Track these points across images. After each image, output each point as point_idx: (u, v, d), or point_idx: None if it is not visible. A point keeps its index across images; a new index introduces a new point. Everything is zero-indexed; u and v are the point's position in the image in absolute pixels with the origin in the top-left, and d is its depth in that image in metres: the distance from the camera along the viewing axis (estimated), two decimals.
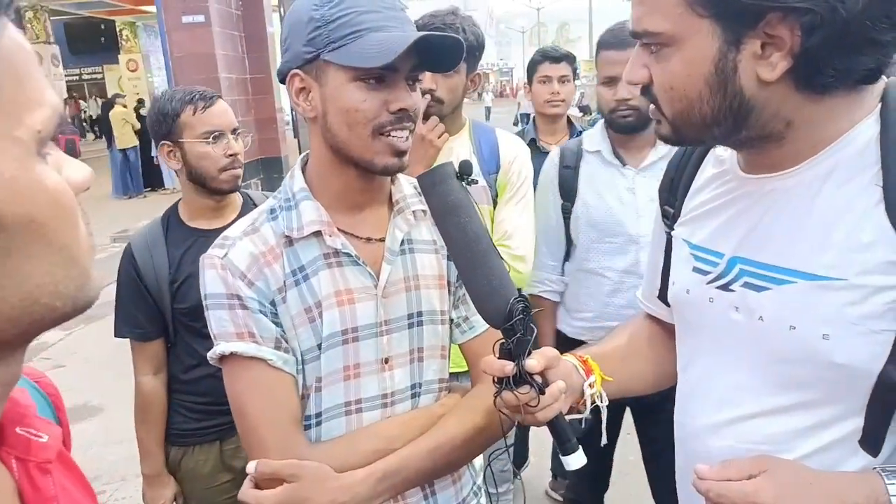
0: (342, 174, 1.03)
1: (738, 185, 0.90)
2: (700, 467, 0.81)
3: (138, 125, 12.22)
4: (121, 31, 21.02)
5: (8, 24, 0.43)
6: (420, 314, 1.08)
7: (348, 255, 1.03)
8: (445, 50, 0.97)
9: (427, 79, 1.73)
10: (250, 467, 0.98)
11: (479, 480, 1.20)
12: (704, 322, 0.94)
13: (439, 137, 1.74)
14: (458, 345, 1.16)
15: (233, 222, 1.70)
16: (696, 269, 0.95)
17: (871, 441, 0.79)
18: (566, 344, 2.17)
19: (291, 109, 15.02)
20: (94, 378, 4.46)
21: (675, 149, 2.03)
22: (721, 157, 0.97)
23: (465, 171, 0.91)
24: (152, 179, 12.45)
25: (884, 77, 0.80)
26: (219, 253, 1.01)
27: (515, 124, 20.94)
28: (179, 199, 1.81)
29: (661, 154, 1.98)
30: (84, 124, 21.15)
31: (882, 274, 0.75)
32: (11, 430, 0.50)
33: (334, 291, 1.01)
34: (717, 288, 0.91)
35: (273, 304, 1.00)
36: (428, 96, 1.73)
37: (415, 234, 1.09)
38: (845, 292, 0.77)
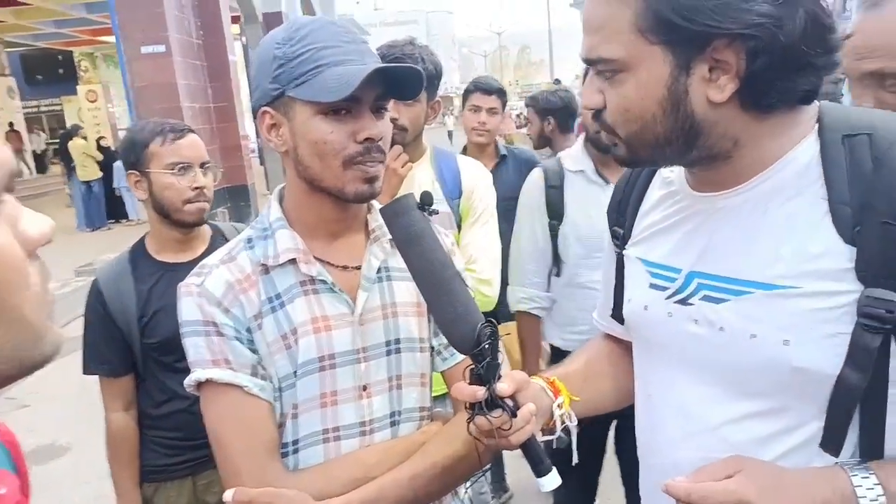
0: (317, 203, 1.04)
1: (690, 204, 0.93)
2: (672, 480, 0.81)
3: (101, 157, 12.04)
4: (79, 61, 20.75)
5: None
6: (398, 341, 1.08)
7: (324, 282, 1.03)
8: (406, 79, 0.99)
9: (390, 107, 1.75)
10: (227, 496, 0.96)
11: (463, 495, 1.19)
12: (664, 337, 0.95)
13: (403, 166, 1.77)
14: (440, 372, 1.16)
15: (201, 255, 1.71)
16: (653, 286, 0.97)
17: (831, 443, 0.81)
18: (560, 357, 2.21)
19: (257, 136, 14.95)
20: (60, 417, 4.30)
21: None
22: (668, 179, 0.99)
23: (426, 202, 0.94)
24: (116, 211, 12.24)
25: (816, 100, 0.85)
26: (195, 281, 1.02)
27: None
28: (147, 233, 1.78)
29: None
30: (25, 160, 20.24)
31: (833, 280, 0.78)
32: None
33: (311, 318, 1.01)
34: (676, 302, 0.92)
35: (249, 331, 1.00)
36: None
37: (391, 262, 1.09)
38: (801, 299, 0.79)
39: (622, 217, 1.07)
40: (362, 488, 0.99)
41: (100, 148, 12.33)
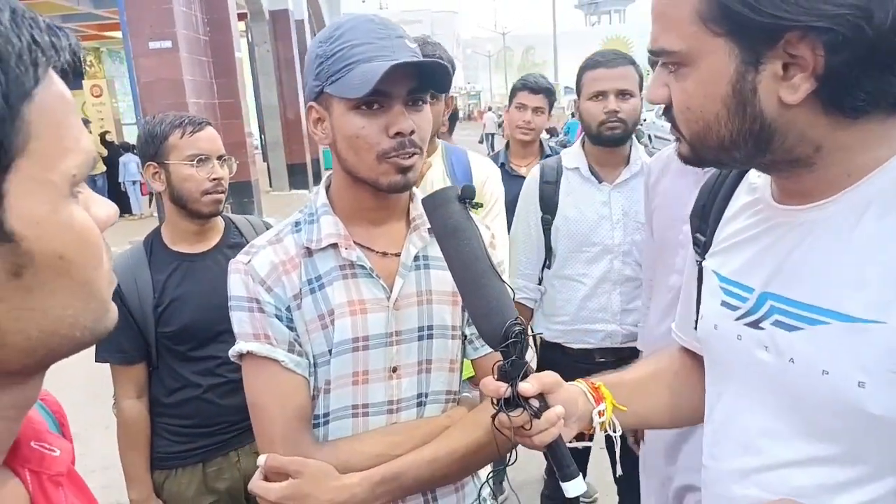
0: (357, 193, 1.09)
1: (771, 216, 0.84)
2: None
3: (105, 152, 12.07)
4: (85, 56, 20.76)
5: (53, 76, 0.46)
6: (431, 328, 1.12)
7: (363, 267, 1.07)
8: (434, 73, 1.02)
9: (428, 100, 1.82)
10: (260, 460, 1.03)
11: (485, 493, 1.21)
12: (732, 360, 0.87)
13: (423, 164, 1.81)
14: (471, 360, 1.19)
15: (216, 246, 1.78)
16: (724, 304, 0.88)
17: None
18: (548, 348, 2.27)
19: (260, 133, 14.97)
20: (69, 405, 4.31)
21: (645, 166, 2.15)
22: (754, 185, 0.90)
23: (466, 196, 0.94)
24: (120, 205, 12.26)
25: None
26: (244, 259, 1.08)
27: (481, 142, 21.93)
28: (162, 224, 1.82)
29: (633, 172, 2.15)
30: None
31: None
32: (26, 444, 0.52)
33: (347, 301, 1.06)
34: (746, 325, 0.84)
35: (289, 309, 1.06)
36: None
37: (430, 251, 1.12)
38: (885, 336, 0.69)
39: (704, 224, 0.99)
40: (384, 465, 1.04)
41: (104, 143, 12.38)
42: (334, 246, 1.07)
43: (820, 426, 0.76)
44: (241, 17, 11.96)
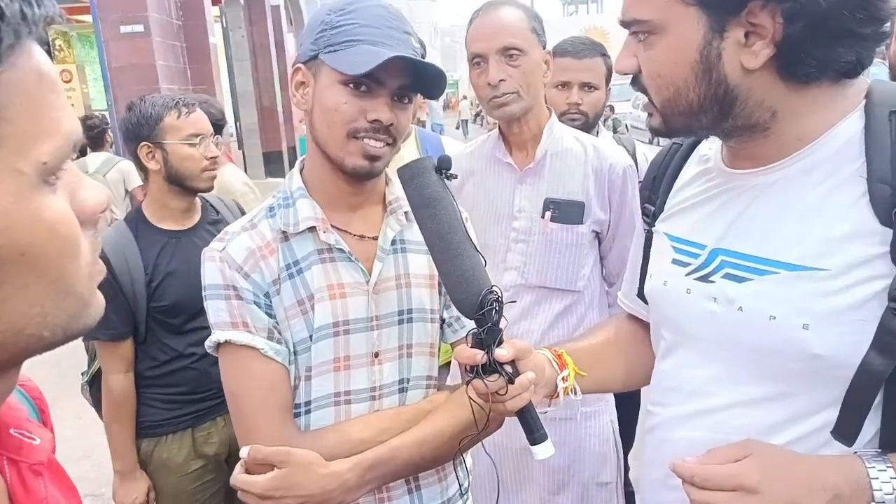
0: (332, 176, 1.07)
1: (724, 181, 0.90)
2: (681, 461, 0.79)
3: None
4: (53, 40, 20.24)
5: (32, 49, 0.42)
6: (410, 311, 1.11)
7: (341, 251, 1.07)
8: (432, 78, 1.03)
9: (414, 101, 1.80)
10: (243, 452, 1.01)
11: (466, 484, 1.22)
12: (680, 314, 0.94)
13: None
14: (450, 344, 1.19)
15: (198, 223, 1.84)
16: (675, 261, 0.95)
17: (845, 432, 0.77)
18: None
19: (235, 122, 14.78)
20: (46, 386, 4.22)
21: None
22: (705, 156, 0.97)
23: (443, 166, 0.94)
24: None
25: (868, 75, 0.81)
26: (218, 246, 1.06)
27: (457, 128, 22.12)
28: (141, 203, 1.87)
29: None
30: None
31: (864, 263, 0.74)
32: (5, 431, 0.50)
33: (326, 285, 1.05)
34: (696, 279, 0.90)
35: (267, 295, 1.04)
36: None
37: (407, 235, 1.13)
38: (826, 282, 0.76)
39: (654, 194, 1.05)
40: (373, 450, 1.03)
41: None
42: (312, 230, 1.06)
43: (764, 369, 0.83)
44: (216, 1, 11.75)
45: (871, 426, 0.78)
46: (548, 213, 1.61)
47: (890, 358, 0.73)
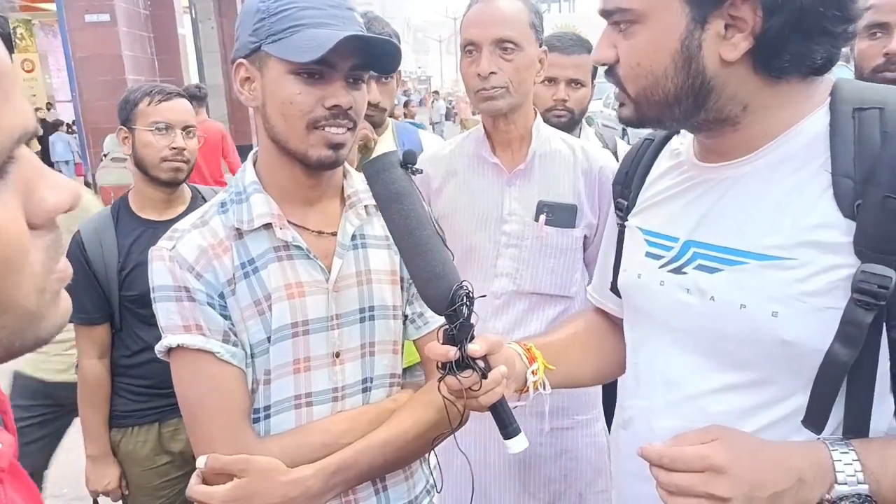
0: (288, 168, 1.02)
1: (695, 174, 0.92)
2: (648, 445, 0.81)
3: (40, 131, 11.50)
4: (15, 28, 19.71)
5: None
6: (372, 308, 1.07)
7: (299, 248, 1.02)
8: (385, 52, 0.98)
9: (373, 91, 1.75)
10: (200, 462, 0.96)
11: (433, 480, 1.19)
12: (654, 305, 0.95)
13: (362, 139, 1.77)
14: (413, 341, 1.15)
15: (182, 214, 1.77)
16: (648, 254, 0.96)
17: (814, 419, 0.80)
18: None
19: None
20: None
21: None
22: (677, 150, 0.98)
23: (409, 161, 0.92)
24: None
25: (833, 74, 0.84)
26: (167, 245, 1.00)
27: (432, 126, 22.25)
28: (129, 190, 1.87)
29: None
30: None
31: (828, 253, 0.77)
32: None
33: (284, 284, 1.01)
34: (670, 272, 0.92)
35: (222, 296, 0.99)
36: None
37: (367, 230, 1.09)
38: (794, 271, 0.78)
39: (627, 189, 1.06)
40: (337, 454, 1.00)
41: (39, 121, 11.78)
42: (267, 226, 1.01)
43: (737, 356, 0.85)
44: None
45: (838, 414, 0.80)
46: (542, 217, 1.54)
47: (852, 348, 0.75)
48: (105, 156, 5.40)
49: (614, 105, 0.91)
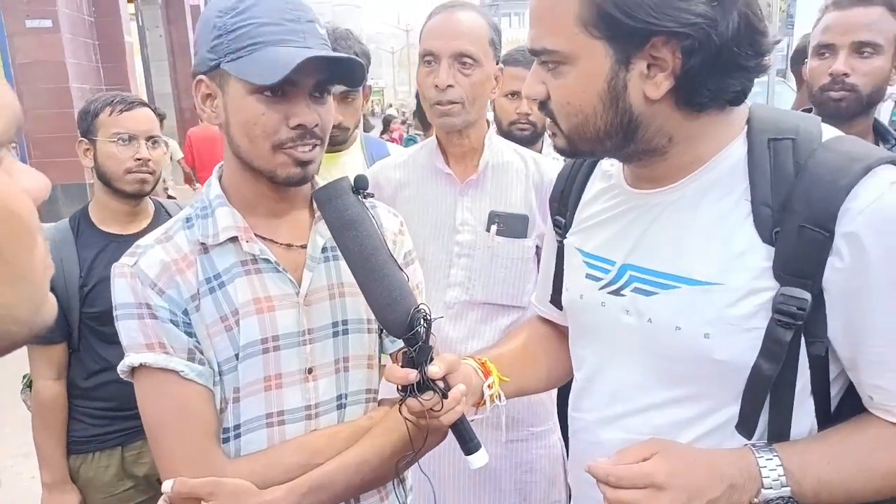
0: (254, 183, 1.00)
1: (626, 199, 0.97)
2: (595, 463, 0.86)
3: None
4: None
5: None
6: (346, 322, 1.05)
7: (267, 261, 1.00)
8: (348, 68, 0.97)
9: (334, 110, 1.74)
10: (166, 486, 0.93)
11: (408, 501, 1.18)
12: (597, 324, 0.99)
13: None
14: (389, 354, 1.14)
15: (146, 228, 1.72)
16: (588, 276, 1.00)
17: (745, 426, 0.86)
18: None
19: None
20: None
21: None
22: (608, 172, 1.03)
23: (360, 186, 0.92)
24: None
25: (747, 102, 0.90)
26: (129, 261, 0.98)
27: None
28: (89, 203, 1.80)
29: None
30: None
31: (753, 279, 0.82)
32: None
33: (252, 299, 0.98)
34: (609, 293, 0.96)
35: (186, 312, 0.96)
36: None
37: None
38: (722, 296, 0.84)
39: (564, 207, 1.10)
40: (310, 474, 0.98)
41: None
42: (233, 240, 0.99)
43: (674, 373, 0.90)
44: None
45: (765, 419, 0.87)
46: (493, 227, 1.57)
47: (775, 363, 0.82)
48: None
49: (548, 126, 0.95)
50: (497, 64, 1.57)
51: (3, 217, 0.39)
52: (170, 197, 6.32)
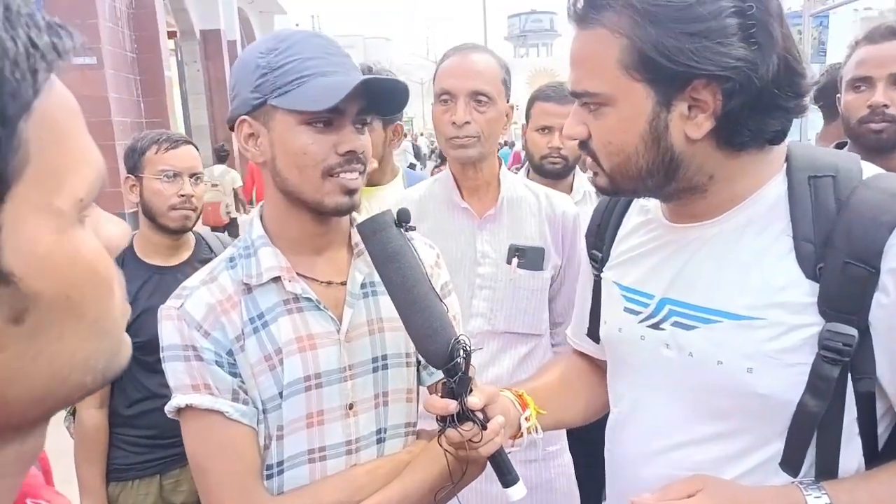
0: (297, 218, 1.02)
1: (665, 233, 0.98)
2: (640, 498, 0.85)
3: None
4: None
5: (55, 81, 0.40)
6: (385, 357, 1.07)
7: (308, 299, 1.01)
8: (391, 94, 0.99)
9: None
10: None
11: None
12: (636, 358, 0.99)
13: None
14: (427, 387, 1.16)
15: (187, 260, 1.79)
16: (626, 310, 1.01)
17: (791, 463, 0.85)
18: None
19: None
20: None
21: (587, 194, 2.19)
22: (645, 207, 1.04)
23: (403, 219, 0.95)
24: None
25: (786, 141, 0.91)
26: (175, 304, 1.00)
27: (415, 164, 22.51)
28: (134, 236, 1.85)
29: (576, 200, 2.16)
30: None
31: (795, 314, 0.82)
32: (23, 501, 0.46)
33: (295, 337, 1.00)
34: (648, 327, 0.97)
35: (230, 353, 0.98)
36: None
37: (376, 277, 1.04)
38: (764, 330, 0.84)
39: (600, 241, 1.11)
40: None
41: None
42: (276, 280, 1.01)
43: (717, 408, 0.90)
44: (171, 35, 11.67)
45: (811, 456, 0.86)
46: (514, 260, 1.63)
47: (821, 400, 0.81)
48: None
49: (588, 166, 0.97)
50: (508, 102, 1.65)
51: (90, 280, 0.41)
52: (232, 219, 7.55)
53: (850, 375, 0.82)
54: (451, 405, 0.90)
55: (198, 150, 1.91)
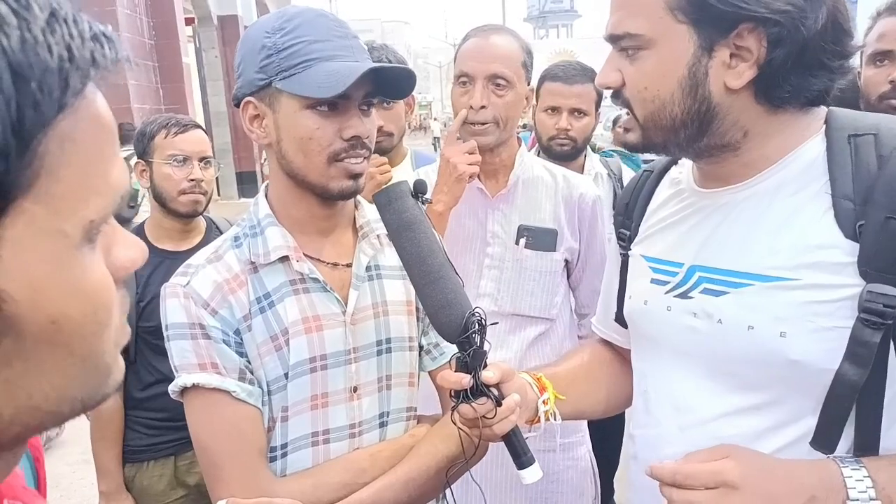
0: (303, 200, 1.01)
1: (695, 201, 0.94)
2: (659, 464, 0.81)
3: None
4: None
5: (91, 94, 0.38)
6: (389, 341, 1.06)
7: (316, 280, 1.00)
8: (398, 79, 0.98)
9: (378, 117, 1.77)
10: None
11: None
12: (662, 331, 0.95)
13: (382, 173, 1.79)
14: (428, 372, 1.15)
15: (198, 245, 1.78)
16: (654, 281, 0.97)
17: (823, 441, 0.80)
18: None
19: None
20: None
21: (598, 175, 2.15)
22: (676, 179, 1.00)
23: (419, 190, 0.93)
24: None
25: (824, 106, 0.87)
26: (181, 281, 0.98)
27: (434, 148, 22.58)
28: (145, 221, 1.87)
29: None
30: None
31: (833, 274, 0.78)
32: (0, 501, 0.45)
33: (301, 318, 0.99)
34: (676, 296, 0.93)
35: (238, 332, 0.97)
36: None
37: (381, 260, 1.08)
38: (799, 291, 0.79)
39: (628, 219, 1.08)
40: (358, 493, 0.98)
41: None
42: (283, 259, 0.99)
43: (746, 378, 0.85)
44: (189, 21, 11.72)
45: (848, 435, 0.80)
46: (522, 240, 1.61)
47: (862, 368, 0.76)
48: None
49: (625, 122, 0.94)
50: (528, 85, 1.61)
51: (86, 311, 0.38)
52: None
53: (892, 343, 0.76)
54: (465, 379, 0.88)
55: (206, 133, 1.91)
